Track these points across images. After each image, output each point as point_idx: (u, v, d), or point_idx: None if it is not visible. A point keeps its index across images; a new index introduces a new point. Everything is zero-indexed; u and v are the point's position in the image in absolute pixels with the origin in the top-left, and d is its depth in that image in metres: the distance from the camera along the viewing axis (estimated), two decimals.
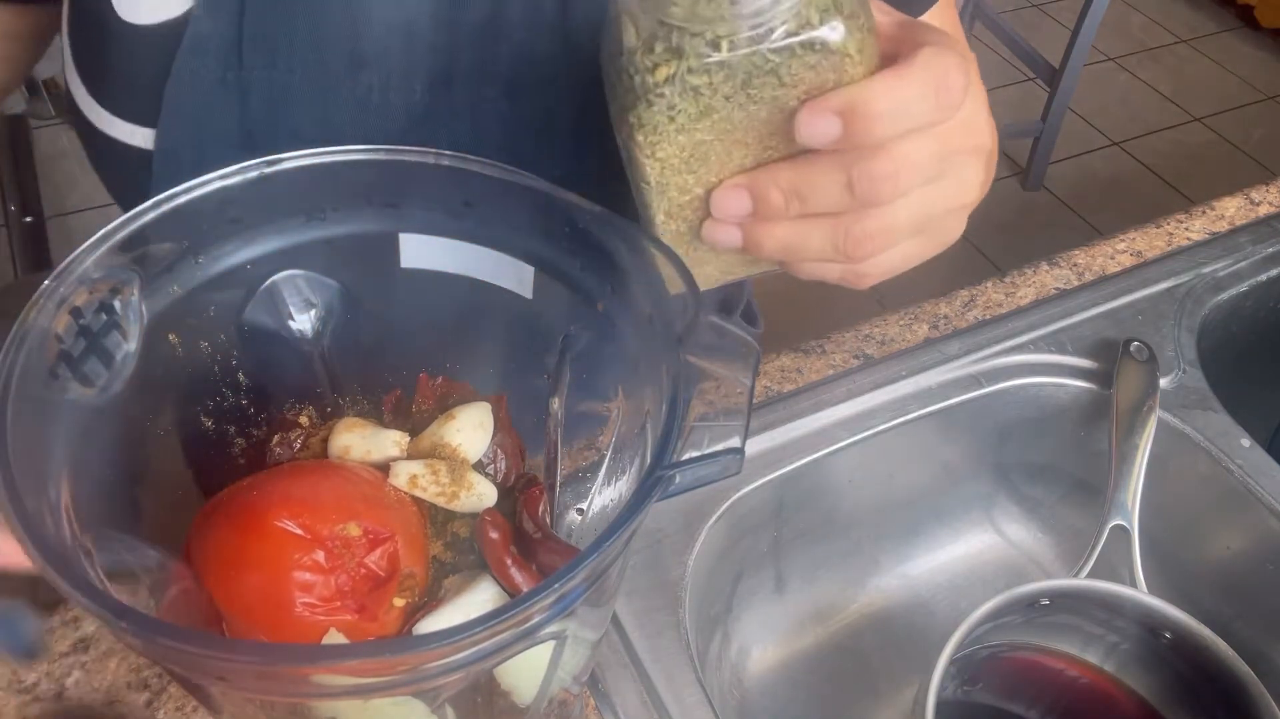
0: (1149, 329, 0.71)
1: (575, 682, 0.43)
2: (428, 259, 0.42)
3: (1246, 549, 0.65)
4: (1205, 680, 0.54)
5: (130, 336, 0.35)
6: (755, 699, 0.66)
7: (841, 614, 0.71)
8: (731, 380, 0.35)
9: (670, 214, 0.39)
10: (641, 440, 0.39)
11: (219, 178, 0.38)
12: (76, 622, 0.51)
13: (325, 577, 0.35)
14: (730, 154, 0.37)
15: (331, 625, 0.35)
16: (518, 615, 0.29)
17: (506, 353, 0.46)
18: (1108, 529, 0.59)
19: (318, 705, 0.35)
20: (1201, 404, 0.67)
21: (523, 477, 0.44)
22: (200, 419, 0.42)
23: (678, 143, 0.36)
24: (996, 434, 0.70)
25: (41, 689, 0.49)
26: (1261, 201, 0.82)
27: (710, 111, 0.35)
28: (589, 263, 0.40)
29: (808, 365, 0.68)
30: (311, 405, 0.44)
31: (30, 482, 0.30)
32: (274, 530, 0.35)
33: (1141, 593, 0.55)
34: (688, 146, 0.37)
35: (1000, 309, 0.72)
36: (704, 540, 0.59)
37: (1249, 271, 0.76)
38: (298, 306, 0.42)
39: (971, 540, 0.74)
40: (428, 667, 0.30)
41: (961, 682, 0.60)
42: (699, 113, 0.35)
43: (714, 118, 0.35)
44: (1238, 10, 2.96)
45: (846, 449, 0.64)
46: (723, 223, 0.39)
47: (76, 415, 0.34)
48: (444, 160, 0.40)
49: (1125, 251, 0.77)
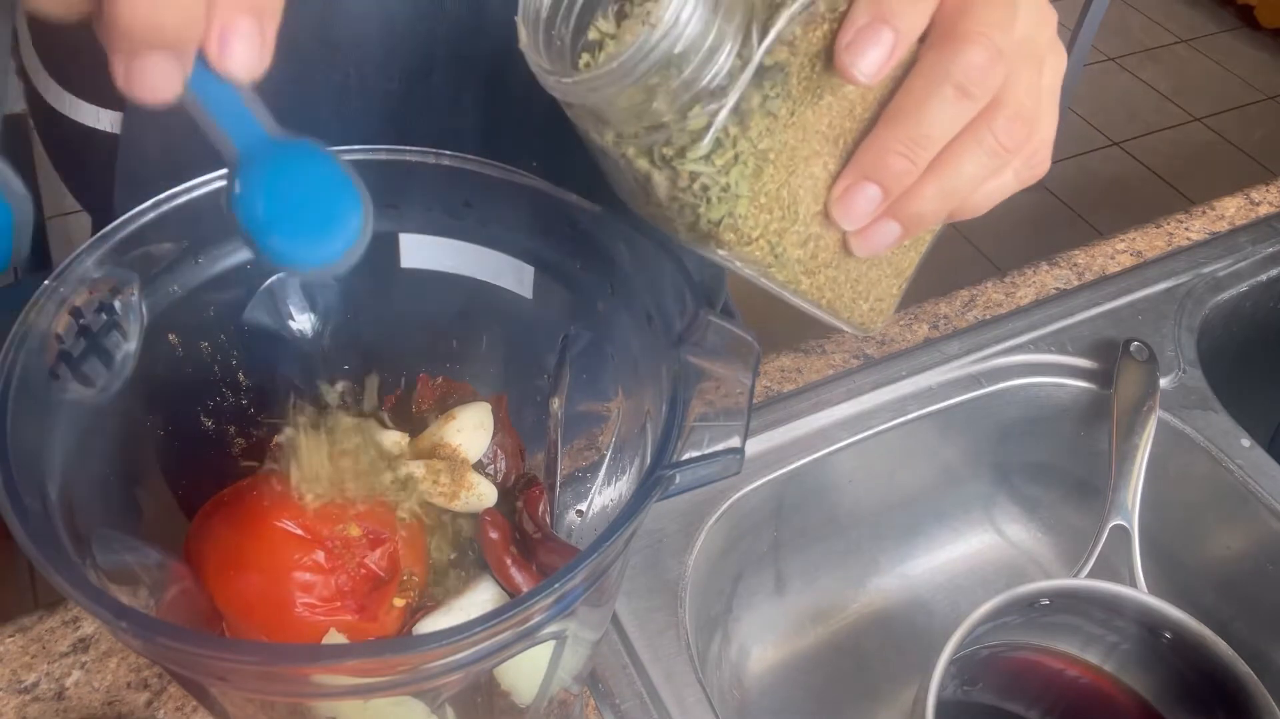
0: (1149, 329, 0.71)
1: (575, 682, 0.43)
2: (428, 259, 0.42)
3: (1246, 549, 0.65)
4: (1205, 680, 0.54)
5: (130, 336, 0.35)
6: (755, 699, 0.66)
7: (841, 614, 0.71)
8: (731, 380, 0.35)
9: (814, 277, 0.36)
10: (641, 440, 0.39)
11: (219, 178, 0.38)
12: (76, 622, 0.51)
13: (325, 577, 0.35)
14: (814, 174, 0.34)
15: (331, 625, 0.35)
16: (518, 615, 0.29)
17: (506, 353, 0.46)
18: (1108, 529, 0.59)
19: (318, 705, 0.35)
20: (1201, 404, 0.67)
21: (523, 477, 0.44)
22: (200, 419, 0.42)
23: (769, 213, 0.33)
24: (996, 434, 0.70)
25: (41, 689, 0.49)
26: (1261, 201, 0.82)
27: (764, 160, 0.32)
28: (589, 263, 0.40)
29: (808, 365, 0.68)
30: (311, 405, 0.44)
31: (30, 482, 0.30)
32: (274, 530, 0.35)
33: (1141, 593, 0.55)
34: (777, 209, 0.33)
35: (1000, 309, 0.72)
36: (704, 540, 0.59)
37: (1249, 271, 0.76)
38: (298, 306, 0.42)
39: (971, 540, 0.74)
40: (428, 667, 0.30)
41: (961, 682, 0.60)
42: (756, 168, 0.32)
43: (772, 159, 0.32)
44: (1238, 10, 2.96)
45: (846, 449, 0.64)
46: (867, 229, 0.35)
47: (76, 415, 0.34)
48: (444, 160, 0.40)
49: (1125, 251, 0.77)
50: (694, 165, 0.31)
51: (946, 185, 0.34)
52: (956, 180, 0.34)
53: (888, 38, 0.30)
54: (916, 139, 0.33)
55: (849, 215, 0.34)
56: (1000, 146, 0.33)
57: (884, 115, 0.33)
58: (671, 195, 0.33)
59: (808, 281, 0.36)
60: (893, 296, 0.40)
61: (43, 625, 0.51)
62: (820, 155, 0.33)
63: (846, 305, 0.39)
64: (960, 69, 0.32)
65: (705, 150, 0.31)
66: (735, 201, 0.32)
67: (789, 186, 0.33)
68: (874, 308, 0.40)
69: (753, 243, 0.33)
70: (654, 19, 0.29)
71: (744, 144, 0.31)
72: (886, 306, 0.41)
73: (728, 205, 0.32)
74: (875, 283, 0.39)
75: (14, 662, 0.50)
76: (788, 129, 0.32)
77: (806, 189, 0.34)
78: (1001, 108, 0.33)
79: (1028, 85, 0.34)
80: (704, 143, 0.31)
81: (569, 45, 0.33)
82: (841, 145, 0.34)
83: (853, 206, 0.34)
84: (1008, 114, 0.33)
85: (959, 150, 0.33)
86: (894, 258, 0.39)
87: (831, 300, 0.38)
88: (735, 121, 0.31)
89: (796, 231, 0.34)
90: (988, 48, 0.32)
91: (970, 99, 0.32)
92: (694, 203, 0.32)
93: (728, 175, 0.32)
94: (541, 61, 0.32)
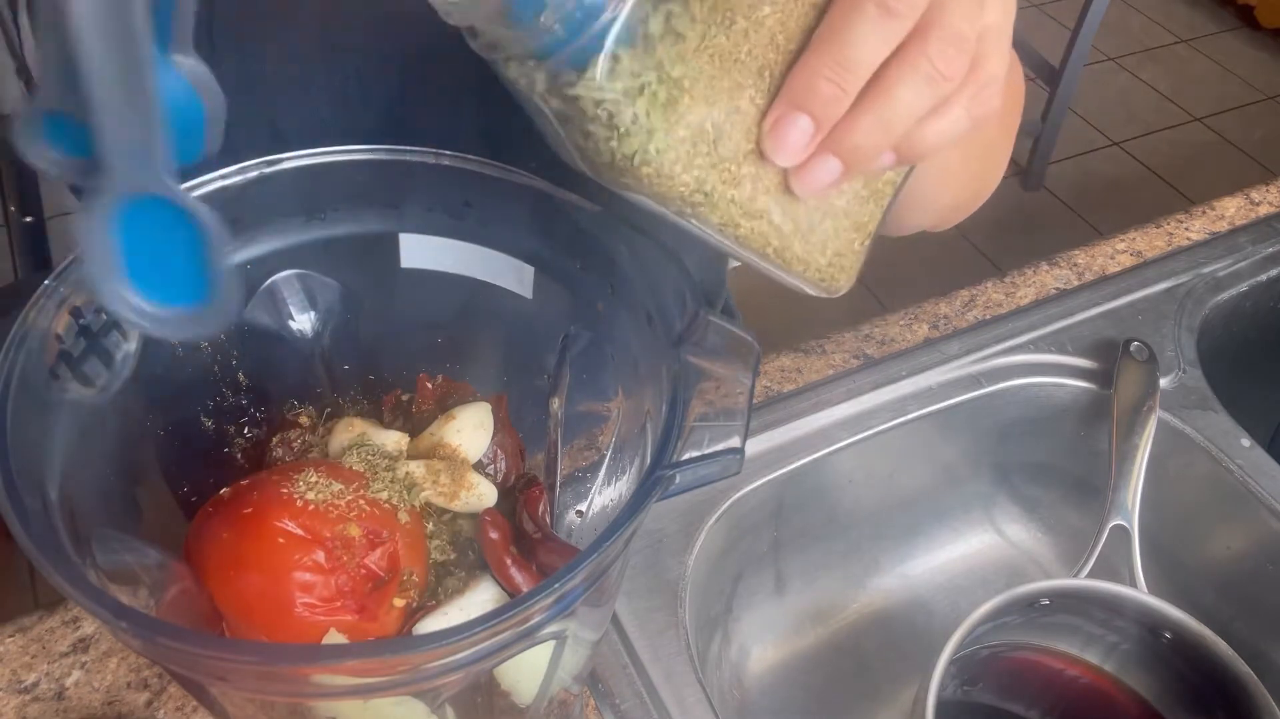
0: (1149, 329, 0.71)
1: (575, 682, 0.43)
2: (428, 259, 0.42)
3: (1246, 549, 0.65)
4: (1205, 680, 0.54)
5: (130, 336, 0.35)
6: (755, 699, 0.66)
7: (841, 614, 0.71)
8: (731, 380, 0.35)
9: (755, 221, 0.34)
10: (641, 440, 0.39)
11: (219, 178, 0.38)
12: (76, 622, 0.51)
13: (325, 577, 0.35)
14: (740, 108, 0.32)
15: (331, 625, 0.35)
16: (518, 615, 0.29)
17: (506, 353, 0.46)
18: (1108, 529, 0.59)
19: (318, 705, 0.35)
20: (1201, 404, 0.67)
21: (523, 477, 0.44)
22: (200, 419, 0.42)
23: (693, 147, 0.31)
24: (996, 434, 0.70)
25: (41, 689, 0.49)
26: (1261, 201, 0.82)
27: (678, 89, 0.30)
28: (589, 263, 0.40)
29: (808, 365, 0.68)
30: (311, 405, 0.44)
31: (30, 481, 0.30)
32: (274, 530, 0.35)
33: (1141, 593, 0.55)
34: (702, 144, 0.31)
35: (1000, 309, 0.72)
36: (704, 540, 0.59)
37: (1249, 271, 0.76)
38: (298, 306, 0.42)
39: (971, 540, 0.74)
40: (428, 667, 0.30)
41: (961, 682, 0.60)
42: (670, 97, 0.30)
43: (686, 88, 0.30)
44: (1238, 10, 2.96)
45: (846, 449, 0.64)
46: (805, 166, 0.33)
47: (76, 415, 0.34)
48: (444, 160, 0.40)
49: (1125, 251, 0.77)
50: (592, 91, 0.30)
51: (884, 114, 0.32)
52: (893, 108, 0.32)
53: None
54: (842, 62, 0.31)
55: (781, 148, 0.32)
56: (936, 72, 0.31)
57: (810, 42, 0.32)
58: (583, 130, 0.31)
59: (747, 225, 0.34)
60: (854, 253, 0.38)
61: (43, 625, 0.51)
62: (745, 88, 0.31)
63: (799, 258, 0.36)
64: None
65: (601, 73, 0.29)
66: (650, 135, 0.30)
67: (712, 119, 0.31)
68: (833, 263, 0.38)
69: (675, 178, 0.31)
70: None
71: (650, 71, 0.30)
72: (849, 263, 0.38)
73: (641, 139, 0.30)
74: (833, 236, 0.36)
75: (14, 662, 0.50)
76: (700, 55, 0.30)
77: (735, 124, 0.32)
78: (933, 31, 0.31)
79: (964, 13, 0.32)
80: (597, 63, 0.29)
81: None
82: (768, 78, 0.32)
83: (784, 138, 0.32)
84: (940, 38, 0.31)
85: (893, 76, 0.31)
86: (851, 209, 0.37)
87: (780, 250, 0.36)
88: (631, 42, 0.29)
89: (727, 169, 0.32)
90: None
91: (894, 16, 0.31)
92: (605, 134, 0.31)
93: (634, 104, 0.30)
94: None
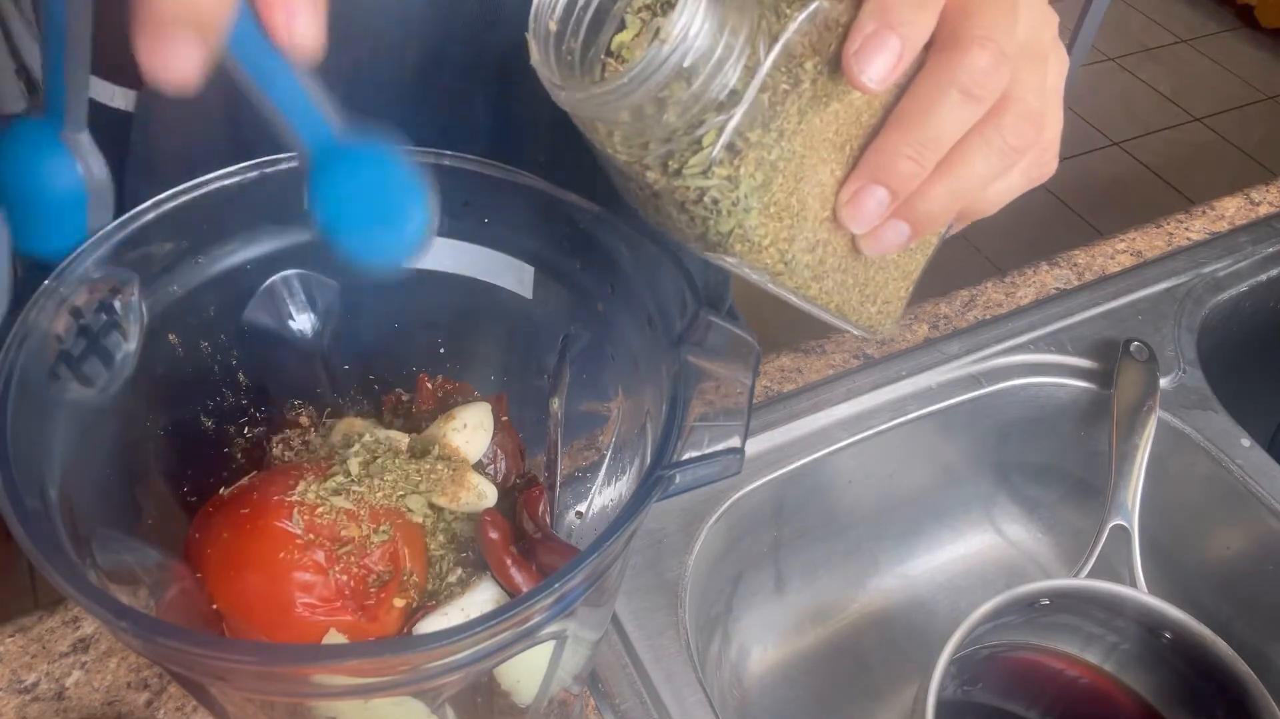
0: (1149, 329, 0.71)
1: (575, 682, 0.43)
2: (428, 259, 0.42)
3: (1246, 549, 0.65)
4: (1205, 680, 0.54)
5: (130, 336, 0.35)
6: (755, 699, 0.66)
7: (841, 614, 0.71)
8: (731, 380, 0.35)
9: (822, 282, 0.36)
10: (641, 440, 0.39)
11: (219, 178, 0.38)
12: (76, 622, 0.51)
13: (325, 577, 0.35)
14: (821, 180, 0.34)
15: (331, 625, 0.35)
16: (518, 615, 0.29)
17: (506, 353, 0.46)
18: (1108, 529, 0.59)
19: (318, 705, 0.35)
20: (1201, 404, 0.67)
21: (523, 477, 0.44)
22: (200, 419, 0.42)
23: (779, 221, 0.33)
24: (996, 434, 0.70)
25: (41, 689, 0.49)
26: (1261, 201, 0.82)
27: (774, 170, 0.32)
28: (589, 263, 0.40)
29: (808, 365, 0.68)
30: (311, 405, 0.44)
31: (30, 481, 0.30)
32: (274, 530, 0.35)
33: (1141, 593, 0.55)
34: (786, 216, 0.33)
35: (1000, 309, 0.72)
36: (704, 540, 0.59)
37: (1249, 271, 0.76)
38: (298, 306, 0.42)
39: (971, 540, 0.74)
40: (428, 667, 0.30)
41: (961, 682, 0.60)
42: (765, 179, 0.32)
43: (781, 168, 0.32)
44: (1238, 10, 2.96)
45: (846, 449, 0.64)
46: (876, 230, 0.35)
47: (76, 415, 0.34)
48: (444, 160, 0.40)
49: (1125, 251, 0.77)
50: (702, 181, 0.32)
51: (956, 185, 0.34)
52: (966, 180, 0.34)
53: (894, 44, 0.31)
54: (924, 142, 0.33)
55: (858, 218, 0.34)
56: (1009, 147, 0.34)
57: (891, 119, 0.34)
58: (681, 207, 0.33)
59: (816, 286, 0.36)
60: (900, 299, 0.41)
61: (43, 625, 0.51)
62: (827, 162, 0.33)
63: (855, 308, 0.39)
64: (966, 72, 0.32)
65: (715, 162, 0.31)
66: (746, 214, 0.32)
67: (797, 194, 0.33)
68: (881, 310, 0.40)
69: (763, 251, 0.33)
70: (664, 34, 0.29)
71: (753, 155, 0.31)
72: (894, 309, 0.41)
73: (738, 217, 0.32)
74: (883, 285, 0.39)
75: (14, 662, 0.50)
76: (796, 137, 0.32)
77: (814, 195, 0.34)
78: (1009, 108, 0.34)
79: (1033, 86, 0.34)
80: (714, 154, 0.31)
81: (578, 59, 0.33)
82: (848, 151, 0.34)
83: (862, 209, 0.34)
84: (1015, 114, 0.34)
85: (967, 150, 0.34)
86: (901, 260, 0.39)
87: (840, 304, 0.38)
88: (744, 133, 0.31)
89: (805, 238, 0.34)
90: (992, 51, 0.32)
91: (977, 101, 0.33)
92: (704, 215, 0.32)
93: (738, 188, 0.32)
94: (552, 77, 0.32)
